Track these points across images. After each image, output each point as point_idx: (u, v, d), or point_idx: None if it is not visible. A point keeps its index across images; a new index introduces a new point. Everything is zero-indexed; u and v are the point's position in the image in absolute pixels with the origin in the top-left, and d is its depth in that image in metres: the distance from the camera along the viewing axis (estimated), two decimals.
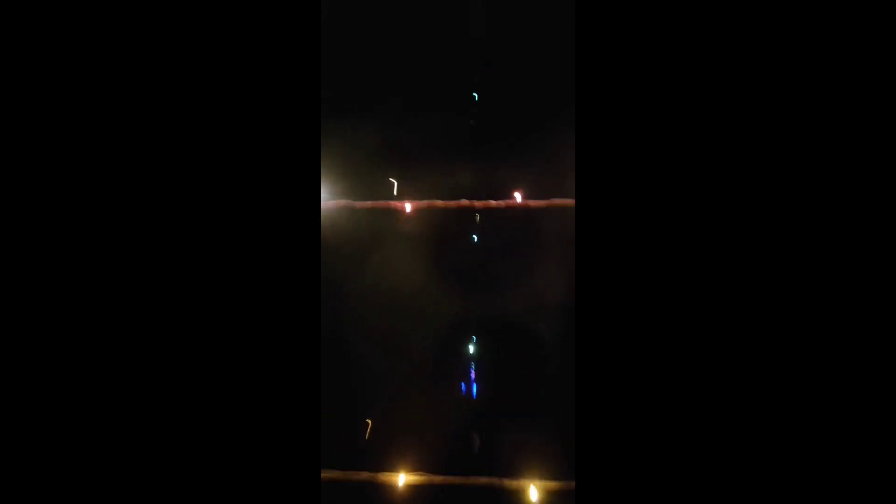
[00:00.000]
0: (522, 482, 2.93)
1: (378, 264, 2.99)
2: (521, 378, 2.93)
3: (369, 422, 2.95)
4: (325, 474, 2.91)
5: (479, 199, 3.00)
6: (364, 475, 2.95)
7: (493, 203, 3.01)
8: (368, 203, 3.01)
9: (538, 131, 2.91)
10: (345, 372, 2.94)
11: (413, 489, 2.98)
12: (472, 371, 2.97)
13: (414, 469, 2.98)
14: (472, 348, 2.98)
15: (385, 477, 2.97)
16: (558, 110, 2.77)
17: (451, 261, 2.99)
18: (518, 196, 3.00)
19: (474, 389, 2.97)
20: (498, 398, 2.97)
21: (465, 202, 3.02)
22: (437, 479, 3.00)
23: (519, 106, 2.97)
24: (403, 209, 3.02)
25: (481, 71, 2.97)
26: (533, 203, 2.98)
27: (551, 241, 2.92)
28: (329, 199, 2.99)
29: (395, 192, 2.96)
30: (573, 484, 2.83)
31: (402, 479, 2.98)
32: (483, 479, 2.97)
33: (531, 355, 2.90)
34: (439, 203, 3.02)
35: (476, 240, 2.99)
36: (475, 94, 2.98)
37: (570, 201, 2.88)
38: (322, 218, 2.98)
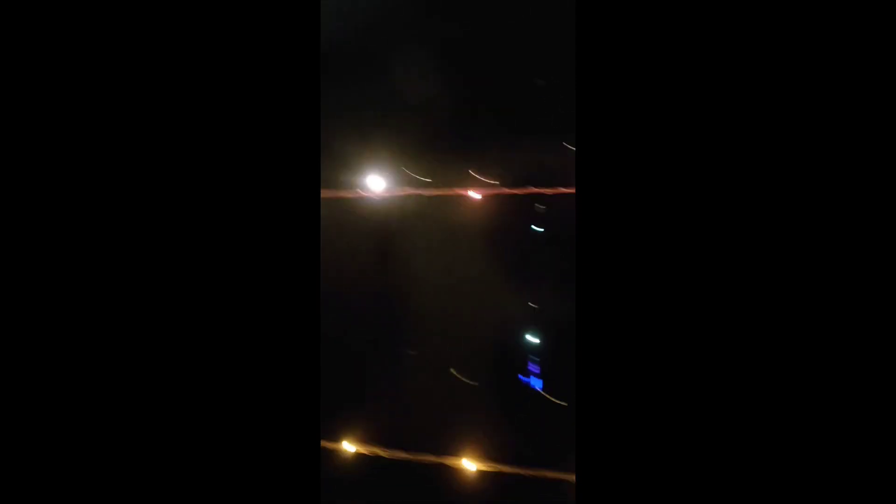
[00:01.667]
0: None
1: (442, 253, 2.95)
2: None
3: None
4: (392, 455, 3.02)
5: (547, 186, 2.83)
6: (430, 458, 3.02)
7: (563, 190, 2.83)
8: (435, 191, 2.96)
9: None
10: (406, 361, 2.99)
11: (482, 476, 3.00)
12: (535, 365, 2.88)
13: (482, 457, 2.99)
14: (535, 341, 2.88)
15: (452, 461, 3.01)
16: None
17: (516, 251, 2.88)
18: None
19: (537, 383, 2.88)
20: (563, 392, 2.86)
21: (533, 189, 2.86)
22: (507, 468, 2.99)
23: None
24: (471, 197, 2.93)
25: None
26: None
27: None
28: (394, 187, 2.98)
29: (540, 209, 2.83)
30: None
31: (470, 465, 3.01)
32: (551, 474, 2.92)
33: None
34: (507, 191, 2.89)
35: (541, 231, 2.84)
36: (540, 81, 2.77)
37: None
38: (386, 206, 2.99)
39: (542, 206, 2.82)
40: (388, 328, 2.99)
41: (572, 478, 2.86)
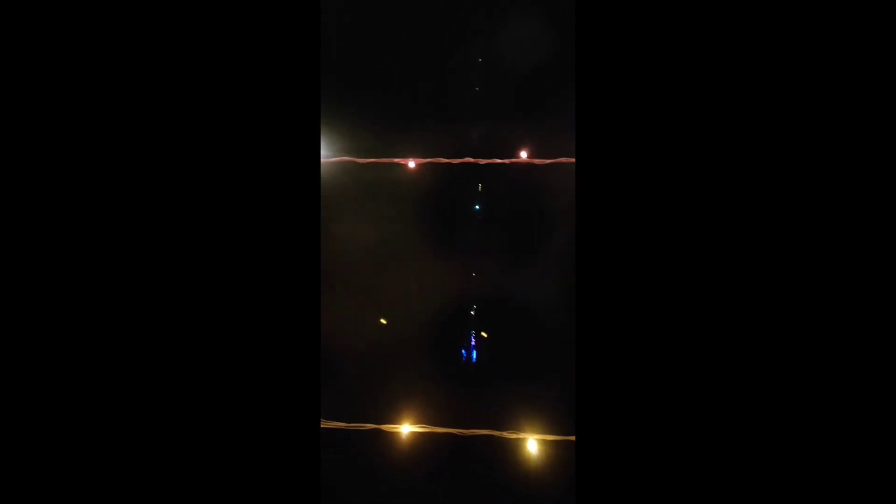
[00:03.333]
0: (521, 435, 3.01)
1: (379, 222, 2.97)
2: (521, 341, 2.97)
3: None
4: (333, 425, 3.02)
5: (483, 157, 2.94)
6: (369, 426, 3.06)
7: (497, 161, 2.95)
8: (371, 160, 2.96)
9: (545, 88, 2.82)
10: (352, 334, 2.99)
11: (416, 438, 3.08)
12: (472, 338, 3.00)
13: (417, 422, 3.07)
14: (472, 313, 3.00)
15: (389, 427, 3.07)
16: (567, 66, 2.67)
17: (454, 223, 2.97)
18: (523, 154, 2.93)
19: (474, 355, 3.01)
20: (497, 360, 3.01)
21: (469, 160, 2.96)
22: (440, 430, 3.09)
23: (524, 64, 2.86)
24: (407, 166, 2.97)
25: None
26: (538, 161, 2.91)
27: (556, 199, 2.88)
28: (330, 155, 2.95)
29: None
30: (570, 438, 2.92)
31: (405, 429, 3.08)
32: (483, 431, 3.06)
33: (531, 319, 2.92)
34: (443, 160, 2.96)
35: (478, 208, 2.96)
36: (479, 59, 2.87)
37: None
38: (322, 174, 2.95)
39: (480, 185, 2.93)
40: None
41: (499, 434, 3.03)
